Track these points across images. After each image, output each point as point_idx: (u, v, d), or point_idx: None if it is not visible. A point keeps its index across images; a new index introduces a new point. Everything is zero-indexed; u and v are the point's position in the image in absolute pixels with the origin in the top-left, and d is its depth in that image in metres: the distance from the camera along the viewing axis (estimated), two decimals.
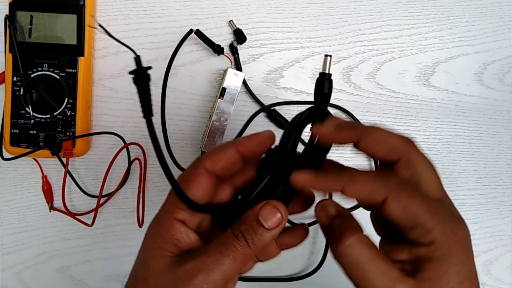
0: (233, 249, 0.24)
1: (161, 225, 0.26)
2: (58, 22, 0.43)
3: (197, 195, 0.25)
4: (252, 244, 0.24)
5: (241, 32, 0.47)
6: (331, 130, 0.26)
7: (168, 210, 0.26)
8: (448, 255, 0.23)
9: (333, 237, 0.24)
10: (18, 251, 0.48)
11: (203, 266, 0.23)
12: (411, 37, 0.50)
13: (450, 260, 0.23)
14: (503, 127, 0.52)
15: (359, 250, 0.23)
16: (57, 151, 0.44)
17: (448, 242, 0.23)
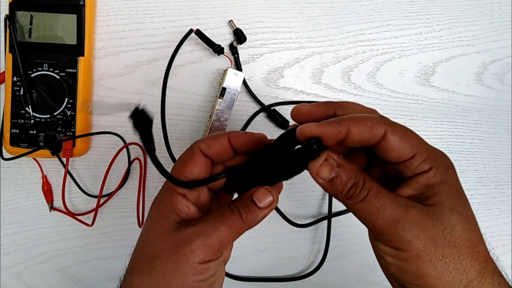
0: (228, 220, 0.27)
1: (164, 198, 0.29)
2: (58, 22, 0.43)
3: (194, 172, 0.29)
4: (245, 218, 0.28)
5: (241, 32, 0.47)
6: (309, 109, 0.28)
7: (170, 186, 0.29)
8: (446, 179, 0.26)
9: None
10: (18, 251, 0.48)
11: (201, 231, 0.26)
12: (411, 37, 0.50)
13: (450, 181, 0.26)
14: (503, 127, 0.52)
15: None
16: (57, 151, 0.44)
17: (444, 167, 0.26)
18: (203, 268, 0.27)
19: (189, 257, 0.26)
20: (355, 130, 0.25)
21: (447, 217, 0.25)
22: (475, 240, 0.26)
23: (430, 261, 0.24)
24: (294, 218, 0.49)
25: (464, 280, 0.25)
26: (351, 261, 0.51)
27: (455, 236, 0.25)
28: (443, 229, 0.25)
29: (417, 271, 0.25)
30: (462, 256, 0.25)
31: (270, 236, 0.50)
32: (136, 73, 0.47)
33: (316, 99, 0.49)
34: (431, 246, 0.24)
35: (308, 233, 0.50)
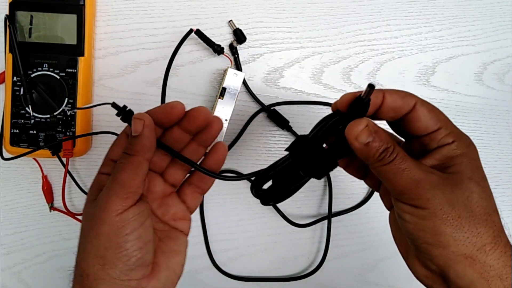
0: (122, 165, 0.29)
1: (94, 182, 0.32)
2: (58, 22, 0.43)
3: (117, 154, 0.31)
4: (133, 152, 0.29)
5: (241, 32, 0.47)
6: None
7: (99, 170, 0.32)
8: (467, 152, 0.28)
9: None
10: (18, 251, 0.48)
11: (106, 189, 0.28)
12: (411, 37, 0.50)
13: (470, 156, 0.28)
14: (503, 127, 0.52)
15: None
16: (57, 151, 0.44)
17: (466, 143, 0.28)
18: (122, 219, 0.28)
19: (104, 216, 0.27)
20: (389, 97, 0.28)
21: (465, 184, 0.27)
22: (491, 210, 0.27)
23: (446, 219, 0.26)
24: (294, 218, 0.49)
25: (478, 243, 0.26)
26: (351, 261, 0.51)
27: (472, 202, 0.27)
28: (461, 194, 0.27)
29: (433, 228, 0.26)
30: (477, 220, 0.26)
31: (270, 236, 0.50)
32: (136, 73, 0.47)
33: (316, 99, 0.49)
34: (448, 206, 0.26)
35: (308, 233, 0.50)
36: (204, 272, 0.49)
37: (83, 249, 0.29)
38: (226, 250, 0.49)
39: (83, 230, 0.29)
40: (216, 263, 0.48)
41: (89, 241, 0.28)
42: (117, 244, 0.27)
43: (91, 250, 0.28)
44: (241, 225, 0.49)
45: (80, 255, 0.29)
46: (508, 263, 0.26)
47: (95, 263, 0.27)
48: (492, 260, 0.26)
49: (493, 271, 0.26)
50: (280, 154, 0.49)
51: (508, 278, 0.26)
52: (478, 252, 0.26)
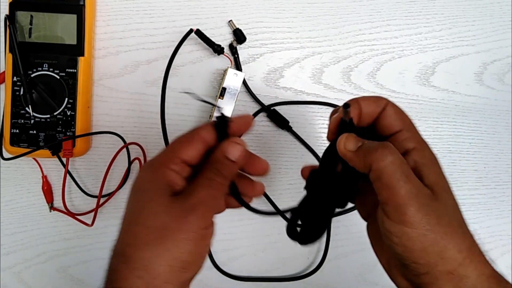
0: (216, 182, 0.29)
1: (158, 172, 0.30)
2: (58, 22, 0.43)
3: (188, 156, 0.30)
4: (226, 175, 0.30)
5: (241, 32, 0.47)
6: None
7: (164, 162, 0.30)
8: (433, 160, 0.29)
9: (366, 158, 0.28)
10: (18, 251, 0.48)
11: (201, 199, 0.28)
12: (411, 37, 0.50)
13: (435, 163, 0.29)
14: (503, 127, 0.52)
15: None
16: (57, 151, 0.44)
17: (428, 151, 0.30)
18: (207, 232, 0.29)
19: (196, 225, 0.28)
20: (364, 104, 0.30)
21: (443, 198, 0.27)
22: (462, 221, 0.28)
23: (435, 239, 0.26)
24: None
25: (459, 258, 0.26)
26: (351, 261, 0.51)
27: (450, 216, 0.27)
28: (443, 210, 0.27)
29: (422, 249, 0.26)
30: (457, 234, 0.27)
31: (270, 236, 0.50)
32: (136, 73, 0.47)
33: (316, 99, 0.49)
34: (437, 226, 0.26)
35: None
36: (204, 272, 0.49)
37: (159, 244, 0.28)
38: (226, 250, 0.49)
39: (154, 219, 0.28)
40: (216, 263, 0.48)
41: (174, 242, 0.28)
42: (201, 252, 0.29)
43: (174, 251, 0.28)
44: (241, 225, 0.49)
45: (151, 248, 0.28)
46: (482, 271, 0.27)
47: (173, 264, 0.28)
48: (470, 272, 0.26)
49: (469, 282, 0.26)
50: (280, 154, 0.49)
51: (482, 286, 0.26)
52: (460, 267, 0.26)
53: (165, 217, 0.28)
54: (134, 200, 0.30)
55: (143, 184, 0.30)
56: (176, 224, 0.28)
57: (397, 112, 0.30)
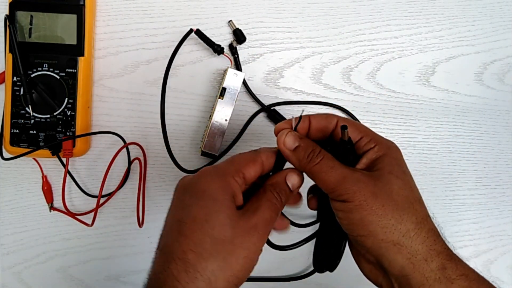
0: (275, 206, 0.31)
1: (225, 181, 0.31)
2: (58, 22, 0.43)
3: (250, 175, 0.32)
4: (284, 201, 0.32)
5: (241, 32, 0.47)
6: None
7: (230, 173, 0.31)
8: (388, 153, 0.32)
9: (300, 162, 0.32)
10: (18, 251, 0.48)
11: (263, 219, 0.30)
12: (411, 37, 0.50)
13: (391, 155, 0.32)
14: (503, 127, 0.52)
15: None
16: (57, 151, 0.44)
17: (387, 146, 0.32)
18: (260, 252, 0.30)
19: (257, 245, 0.29)
20: (313, 120, 0.33)
21: (386, 178, 0.30)
22: (412, 199, 0.30)
23: (371, 209, 0.29)
24: (294, 218, 0.48)
25: (403, 229, 0.29)
26: (351, 261, 0.50)
27: (393, 193, 0.30)
28: (382, 186, 0.30)
29: (361, 219, 0.29)
30: (400, 208, 0.29)
31: (270, 236, 0.50)
32: (136, 73, 0.47)
33: (316, 99, 0.49)
34: (372, 198, 0.29)
35: (308, 233, 0.50)
36: None
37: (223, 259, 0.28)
38: None
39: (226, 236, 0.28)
40: None
41: (236, 260, 0.28)
42: (251, 270, 0.30)
43: (235, 267, 0.28)
44: None
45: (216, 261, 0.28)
46: (431, 247, 0.29)
47: (231, 280, 0.28)
48: (417, 245, 0.28)
49: (419, 255, 0.28)
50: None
51: (434, 260, 0.28)
52: (404, 238, 0.28)
53: (231, 231, 0.28)
54: (199, 205, 0.29)
55: (210, 189, 0.30)
56: (240, 240, 0.28)
57: (351, 125, 0.32)
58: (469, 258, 0.52)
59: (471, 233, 0.52)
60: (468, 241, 0.52)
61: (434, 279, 0.28)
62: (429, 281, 0.28)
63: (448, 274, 0.28)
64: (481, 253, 0.52)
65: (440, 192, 0.51)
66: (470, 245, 0.52)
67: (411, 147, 0.50)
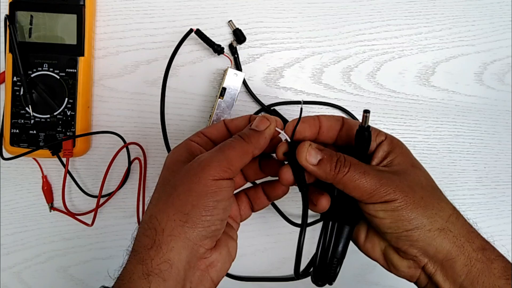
0: (232, 144, 0.30)
1: (181, 145, 0.33)
2: (58, 22, 0.43)
3: (210, 132, 0.34)
4: (248, 140, 0.31)
5: (241, 32, 0.47)
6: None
7: (188, 138, 0.34)
8: (399, 145, 0.32)
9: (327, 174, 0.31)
10: (18, 251, 0.48)
11: (210, 155, 0.30)
12: (411, 37, 0.50)
13: (403, 148, 0.32)
14: (503, 127, 0.52)
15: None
16: (57, 151, 0.44)
17: (395, 139, 0.33)
18: (216, 185, 0.28)
19: (201, 176, 0.28)
20: (324, 119, 0.33)
21: (412, 171, 0.31)
22: (436, 187, 0.32)
23: (415, 203, 0.29)
24: (294, 218, 0.49)
25: (445, 215, 0.30)
26: (351, 261, 0.50)
27: (423, 184, 0.30)
28: (412, 180, 0.30)
29: (407, 215, 0.29)
30: (435, 196, 0.30)
31: (270, 236, 0.50)
32: (136, 73, 0.47)
33: (316, 99, 0.49)
34: (411, 192, 0.29)
35: (308, 233, 0.50)
36: None
37: (165, 201, 0.29)
38: None
39: (167, 184, 0.30)
40: None
41: (177, 195, 0.28)
42: (205, 206, 0.28)
43: (177, 204, 0.28)
44: (241, 225, 0.49)
45: (158, 206, 0.29)
46: (470, 228, 0.30)
47: (176, 218, 0.28)
48: (459, 228, 0.30)
49: (462, 237, 0.29)
50: None
51: (474, 242, 0.29)
52: (448, 224, 0.29)
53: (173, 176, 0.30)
54: (160, 178, 0.32)
55: (167, 159, 0.32)
56: (179, 180, 0.29)
57: (356, 122, 0.32)
58: None
59: None
60: None
61: (476, 259, 0.29)
62: (472, 261, 0.29)
63: (488, 254, 0.29)
64: None
65: None
66: None
67: (411, 147, 0.50)
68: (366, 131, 0.31)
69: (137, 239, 0.29)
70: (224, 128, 0.34)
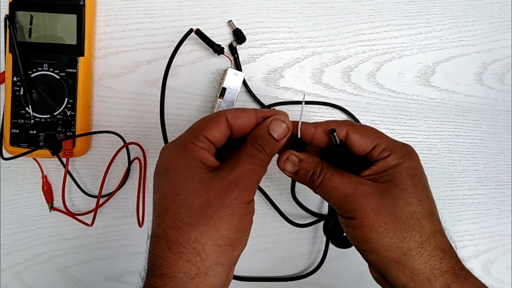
0: (258, 158, 0.29)
1: (186, 150, 0.29)
2: (58, 22, 0.43)
3: (214, 136, 0.30)
4: (269, 152, 0.30)
5: (240, 32, 0.47)
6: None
7: (189, 139, 0.30)
8: (401, 163, 0.30)
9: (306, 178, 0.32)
10: (18, 251, 0.48)
11: (242, 174, 0.28)
12: (411, 37, 0.50)
13: (403, 165, 0.30)
14: (503, 127, 0.52)
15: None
16: (57, 151, 0.44)
17: (401, 154, 0.31)
18: (250, 206, 0.29)
19: (240, 200, 0.28)
20: (323, 126, 0.32)
21: (392, 192, 0.29)
22: (419, 215, 0.29)
23: (373, 227, 0.29)
24: (294, 218, 0.49)
25: (404, 248, 0.28)
26: (351, 261, 0.51)
27: (397, 208, 0.29)
28: (387, 202, 0.29)
29: (362, 236, 0.29)
30: (403, 226, 0.29)
31: (270, 236, 0.50)
32: (136, 73, 0.47)
33: (316, 99, 0.49)
34: (373, 215, 0.29)
35: (308, 233, 0.50)
36: None
37: (205, 223, 0.26)
38: None
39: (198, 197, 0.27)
40: None
41: (219, 219, 0.27)
42: (245, 228, 0.28)
43: (220, 228, 0.27)
44: None
45: (198, 228, 0.26)
46: (436, 266, 0.28)
47: (221, 243, 0.27)
48: (420, 265, 0.28)
49: (421, 274, 0.28)
50: None
51: (436, 281, 0.28)
52: (406, 257, 0.28)
53: (206, 194, 0.27)
54: (166, 182, 0.29)
55: (172, 163, 0.29)
56: (218, 201, 0.27)
57: (363, 134, 0.31)
58: (469, 258, 0.52)
59: (471, 233, 0.52)
60: (468, 241, 0.52)
61: None
62: None
63: None
64: (481, 253, 0.52)
65: (440, 192, 0.51)
66: (470, 245, 0.52)
67: None
68: (341, 148, 0.32)
69: (169, 261, 0.26)
70: (227, 130, 0.31)
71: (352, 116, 0.49)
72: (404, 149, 0.31)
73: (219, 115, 0.31)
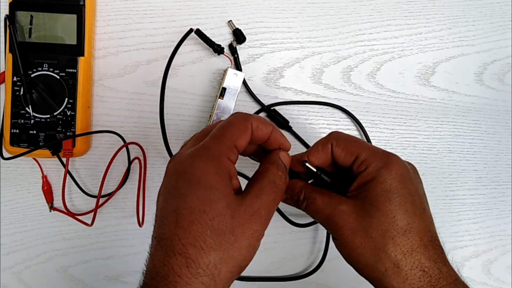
0: (280, 188, 0.30)
1: (219, 164, 0.28)
2: (58, 22, 0.43)
3: (241, 146, 0.30)
4: (286, 181, 0.31)
5: (240, 32, 0.47)
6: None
7: (224, 152, 0.28)
8: (378, 177, 0.30)
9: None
10: (18, 251, 0.48)
11: (266, 205, 0.29)
12: (411, 37, 0.50)
13: (378, 179, 0.30)
14: (503, 127, 0.52)
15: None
16: (57, 151, 0.44)
17: (379, 167, 0.30)
18: (263, 235, 0.29)
19: (260, 232, 0.28)
20: (311, 157, 0.33)
21: (367, 211, 0.30)
22: (393, 233, 0.29)
23: (352, 248, 0.30)
24: (294, 218, 0.49)
25: (381, 268, 0.29)
26: None
27: (372, 228, 0.29)
28: (362, 221, 0.29)
29: (346, 255, 0.31)
30: (377, 246, 0.29)
31: (270, 236, 0.50)
32: (136, 73, 0.47)
33: (316, 99, 0.49)
34: (351, 235, 0.30)
35: (308, 233, 0.50)
36: None
37: (226, 250, 0.27)
38: None
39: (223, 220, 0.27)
40: None
41: (239, 248, 0.27)
42: (252, 258, 0.29)
43: (238, 258, 0.27)
44: None
45: (219, 254, 0.26)
46: (414, 285, 0.28)
47: (234, 271, 0.28)
48: (399, 283, 0.28)
49: None
50: None
51: None
52: (383, 277, 0.29)
53: (231, 221, 0.27)
54: (195, 195, 0.27)
55: (205, 177, 0.27)
56: (241, 230, 0.27)
57: (344, 148, 0.32)
58: (469, 258, 0.52)
59: (471, 233, 0.52)
60: (468, 241, 0.52)
61: None
62: None
63: None
64: (481, 253, 0.52)
65: (440, 192, 0.51)
66: (470, 245, 0.52)
67: (411, 147, 0.50)
68: (322, 175, 0.33)
69: (185, 280, 0.25)
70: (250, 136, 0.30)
71: (352, 116, 0.49)
72: (383, 160, 0.30)
73: (246, 122, 0.30)
